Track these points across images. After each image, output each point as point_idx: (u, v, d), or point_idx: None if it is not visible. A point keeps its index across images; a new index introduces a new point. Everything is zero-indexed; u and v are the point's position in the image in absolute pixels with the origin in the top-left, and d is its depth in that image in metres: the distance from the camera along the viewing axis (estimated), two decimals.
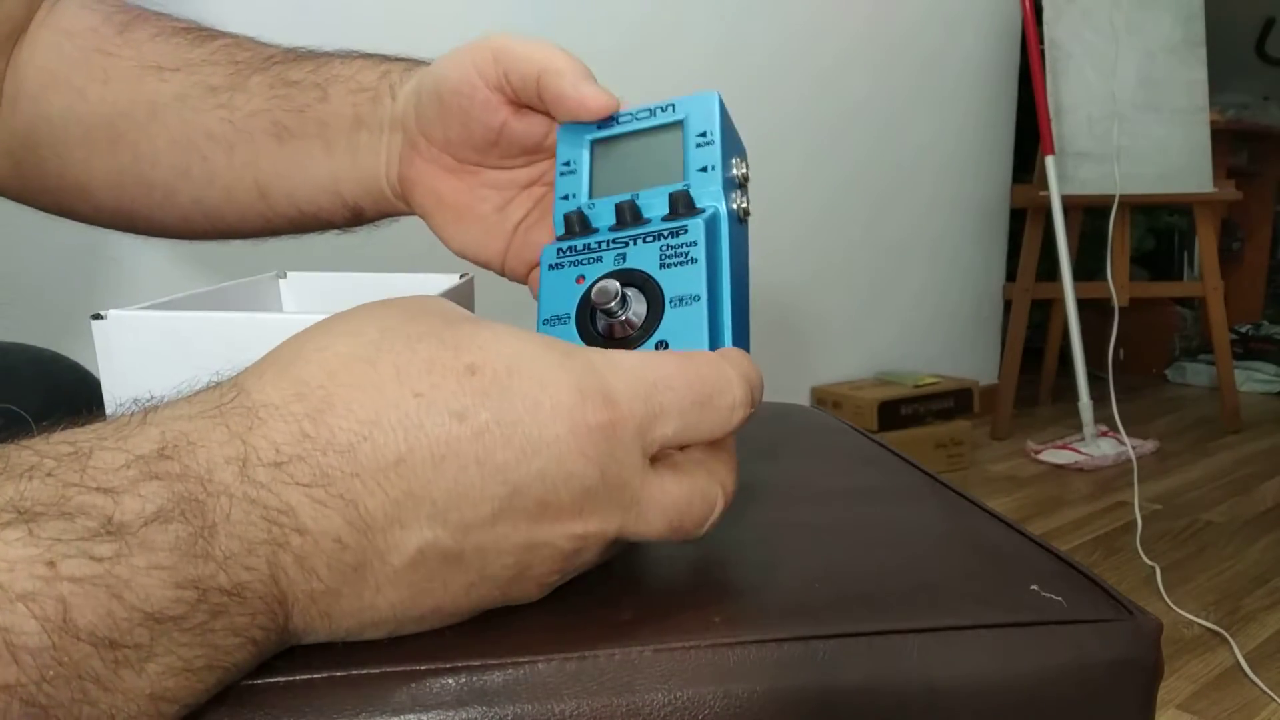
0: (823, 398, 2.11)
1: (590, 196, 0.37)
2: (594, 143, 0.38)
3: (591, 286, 0.33)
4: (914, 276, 2.35)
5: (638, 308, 0.33)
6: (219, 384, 0.26)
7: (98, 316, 0.36)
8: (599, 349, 0.28)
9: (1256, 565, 1.57)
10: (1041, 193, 2.23)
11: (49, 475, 0.22)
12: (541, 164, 0.43)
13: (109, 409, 0.36)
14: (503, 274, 0.45)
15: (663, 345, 0.32)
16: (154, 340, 0.36)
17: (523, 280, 0.44)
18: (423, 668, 0.26)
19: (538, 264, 0.37)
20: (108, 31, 0.48)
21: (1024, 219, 2.40)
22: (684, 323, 0.32)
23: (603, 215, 0.36)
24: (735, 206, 0.35)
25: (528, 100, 0.39)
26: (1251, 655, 1.26)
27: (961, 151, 2.40)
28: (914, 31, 2.21)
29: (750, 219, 0.36)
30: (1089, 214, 2.52)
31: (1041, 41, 2.22)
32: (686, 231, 0.33)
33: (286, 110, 0.46)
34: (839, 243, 2.16)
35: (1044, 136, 2.19)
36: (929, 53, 2.26)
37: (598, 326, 0.33)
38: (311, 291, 0.50)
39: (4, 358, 0.53)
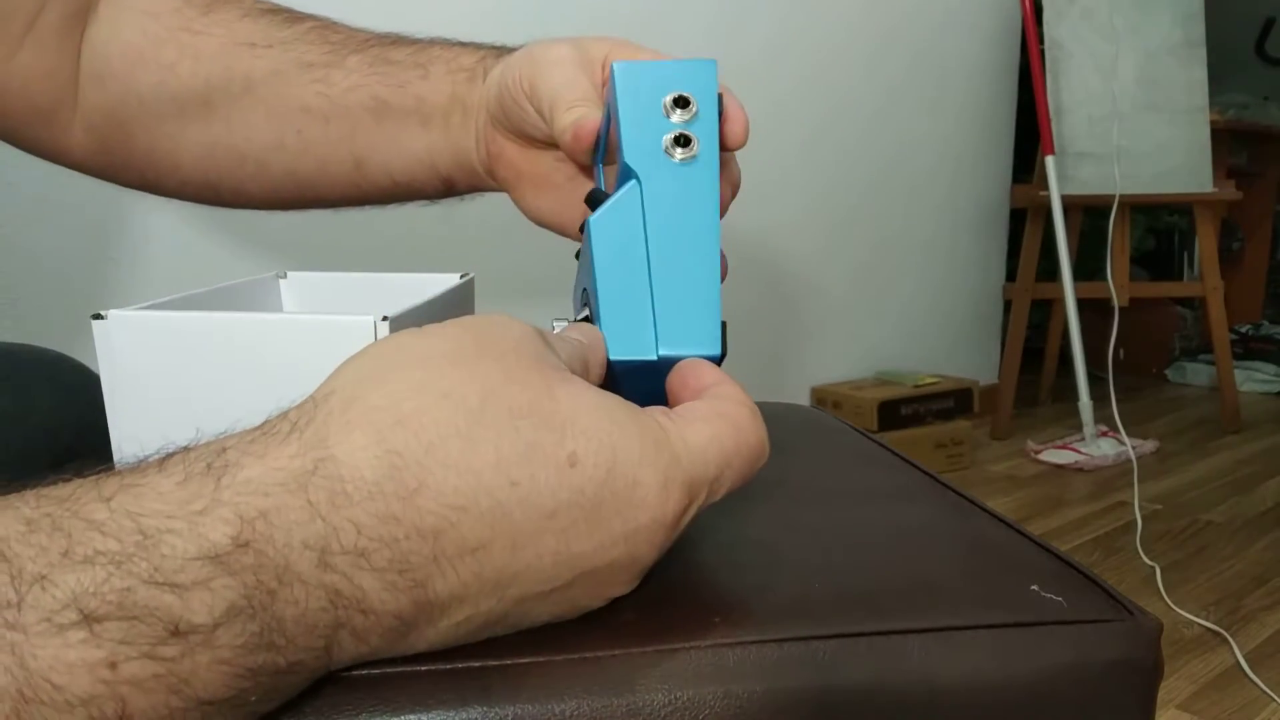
0: (823, 398, 2.11)
1: None
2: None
3: None
4: (914, 277, 2.35)
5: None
6: (295, 426, 0.24)
7: (98, 316, 0.36)
8: (673, 420, 0.28)
9: (1256, 565, 1.57)
10: (1041, 193, 2.23)
11: (114, 566, 0.20)
12: None
13: (109, 409, 0.36)
14: (578, 238, 0.47)
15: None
16: (154, 340, 0.36)
17: None
18: (423, 668, 0.26)
19: None
20: (191, 13, 0.50)
21: (1024, 219, 2.40)
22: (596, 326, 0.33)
23: None
24: (673, 154, 0.33)
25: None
26: (1251, 655, 1.26)
27: (961, 151, 2.40)
28: (914, 32, 2.21)
29: (711, 146, 0.34)
30: (1089, 214, 2.52)
31: (1041, 41, 2.22)
32: (585, 236, 0.34)
33: (386, 86, 0.48)
34: (839, 242, 2.16)
35: (1044, 136, 2.19)
36: (929, 53, 2.26)
37: None
38: (312, 291, 0.50)
39: (8, 358, 0.53)
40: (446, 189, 0.51)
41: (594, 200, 0.34)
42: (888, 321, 2.30)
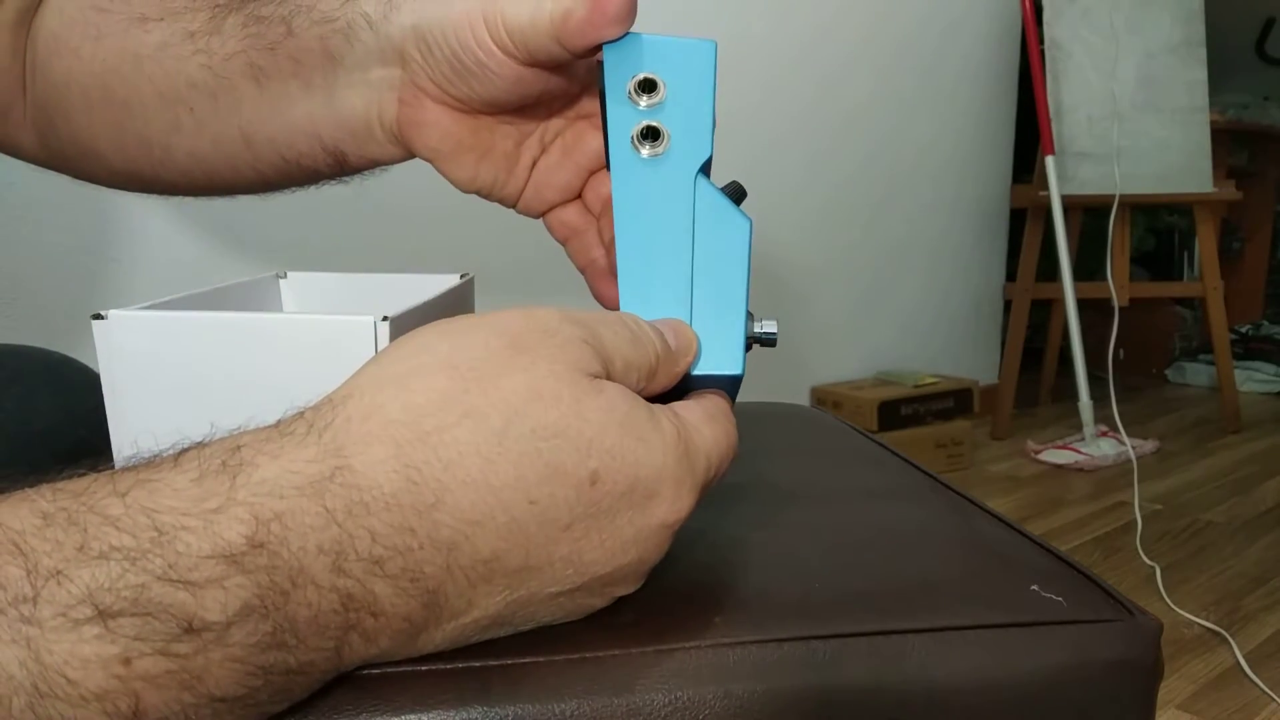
0: (823, 398, 2.11)
1: None
2: None
3: None
4: (914, 276, 2.35)
5: None
6: (311, 427, 0.24)
7: (98, 316, 0.36)
8: (684, 422, 0.29)
9: (1256, 565, 1.57)
10: (1041, 193, 2.23)
11: (129, 562, 0.20)
12: (570, 105, 0.41)
13: (109, 409, 0.36)
14: (516, 210, 0.43)
15: None
16: (154, 340, 0.36)
17: (537, 217, 0.42)
18: (423, 668, 0.26)
19: (563, 203, 0.40)
20: None
21: (1024, 219, 2.40)
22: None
23: None
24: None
25: (540, 55, 0.36)
26: (1251, 655, 1.26)
27: (961, 152, 2.40)
28: (914, 32, 2.21)
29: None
30: (1089, 214, 2.52)
31: (1041, 41, 2.22)
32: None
33: (259, 49, 0.42)
34: (839, 243, 2.16)
35: (1044, 136, 2.19)
36: (929, 53, 2.26)
37: None
38: (312, 291, 0.50)
39: (14, 360, 0.53)
40: (337, 164, 0.45)
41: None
42: (888, 321, 2.30)
